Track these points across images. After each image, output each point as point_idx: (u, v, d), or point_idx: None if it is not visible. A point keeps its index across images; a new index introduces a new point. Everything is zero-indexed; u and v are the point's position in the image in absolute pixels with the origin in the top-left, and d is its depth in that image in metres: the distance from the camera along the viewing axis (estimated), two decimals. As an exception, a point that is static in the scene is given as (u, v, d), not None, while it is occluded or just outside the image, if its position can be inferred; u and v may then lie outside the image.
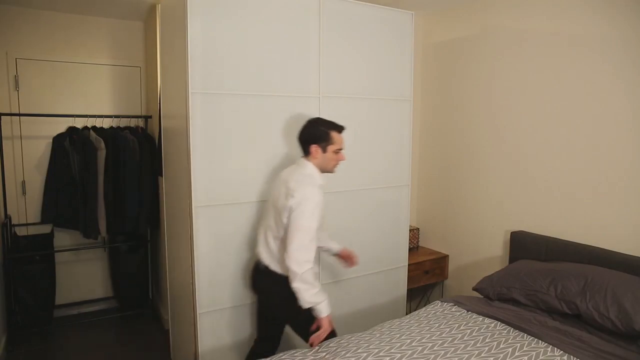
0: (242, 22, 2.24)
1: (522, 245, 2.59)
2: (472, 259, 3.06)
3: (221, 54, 2.19)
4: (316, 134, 2.01)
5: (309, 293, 1.85)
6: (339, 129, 2.06)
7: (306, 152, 2.04)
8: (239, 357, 2.40)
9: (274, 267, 2.01)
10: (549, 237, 2.51)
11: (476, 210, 3.00)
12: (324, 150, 2.02)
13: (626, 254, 2.14)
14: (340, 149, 2.05)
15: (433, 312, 2.19)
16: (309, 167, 2.03)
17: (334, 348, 1.84)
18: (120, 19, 3.38)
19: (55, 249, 3.24)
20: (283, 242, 1.92)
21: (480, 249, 3.01)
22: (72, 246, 3.40)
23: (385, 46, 2.75)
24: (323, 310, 1.89)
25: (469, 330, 1.95)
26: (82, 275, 3.50)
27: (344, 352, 1.79)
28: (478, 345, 1.83)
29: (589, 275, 2.03)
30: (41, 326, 3.14)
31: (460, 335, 1.92)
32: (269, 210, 2.06)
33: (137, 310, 3.45)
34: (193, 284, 2.23)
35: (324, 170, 2.06)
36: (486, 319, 2.07)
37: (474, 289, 2.40)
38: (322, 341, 1.91)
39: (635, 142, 2.15)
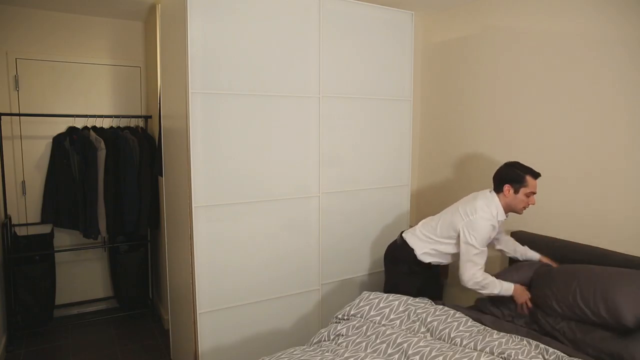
0: (242, 22, 2.24)
1: (522, 245, 2.59)
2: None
3: (221, 54, 2.19)
4: (512, 176, 2.20)
5: (484, 293, 2.19)
6: (535, 175, 2.19)
7: (498, 190, 2.25)
8: (239, 357, 2.40)
9: (419, 250, 2.38)
10: (550, 237, 2.50)
11: (476, 210, 3.00)
12: (516, 192, 2.19)
13: (626, 254, 2.14)
14: (533, 193, 2.18)
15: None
16: (494, 200, 2.23)
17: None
18: (120, 19, 3.38)
19: (55, 249, 3.24)
20: (436, 242, 2.36)
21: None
22: (72, 246, 3.40)
23: (385, 46, 2.75)
24: (504, 293, 2.18)
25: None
26: (82, 275, 3.50)
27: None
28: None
29: (580, 275, 2.03)
30: (41, 326, 3.14)
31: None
32: (441, 214, 2.41)
33: (137, 310, 3.45)
34: (193, 284, 2.23)
35: (510, 209, 2.25)
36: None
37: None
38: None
39: (636, 142, 2.15)
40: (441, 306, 2.14)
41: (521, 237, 2.61)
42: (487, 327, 1.99)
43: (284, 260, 2.51)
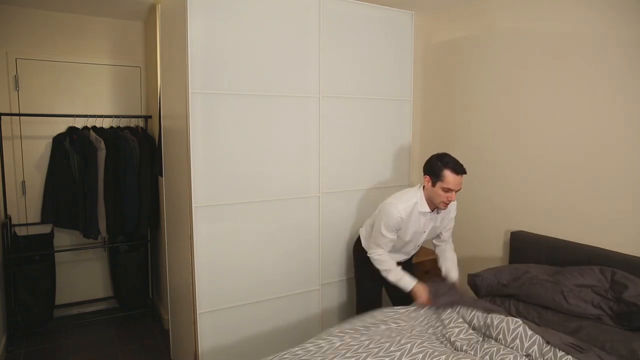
0: (242, 22, 2.24)
1: (523, 245, 2.59)
2: (472, 259, 3.05)
3: (221, 54, 2.19)
4: (432, 167, 2.15)
5: (382, 274, 2.27)
6: (457, 170, 2.09)
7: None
8: (239, 357, 2.40)
9: (364, 242, 2.45)
10: (550, 237, 2.51)
11: (476, 210, 3.00)
12: (433, 184, 2.14)
13: (626, 254, 2.14)
14: (450, 190, 2.09)
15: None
16: (417, 192, 2.22)
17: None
18: (120, 19, 3.38)
19: (55, 249, 3.24)
20: (365, 228, 2.44)
21: (480, 249, 3.01)
22: (72, 246, 3.40)
23: (385, 46, 2.75)
24: (403, 287, 2.22)
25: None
26: (82, 275, 3.50)
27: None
28: None
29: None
30: (41, 326, 3.14)
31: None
32: None
33: (137, 310, 3.45)
34: (193, 284, 2.23)
35: (432, 202, 2.20)
36: None
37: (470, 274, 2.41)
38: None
39: (636, 142, 2.15)
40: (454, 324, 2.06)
41: (522, 237, 2.62)
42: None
43: (284, 260, 2.51)
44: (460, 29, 3.07)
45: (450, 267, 2.41)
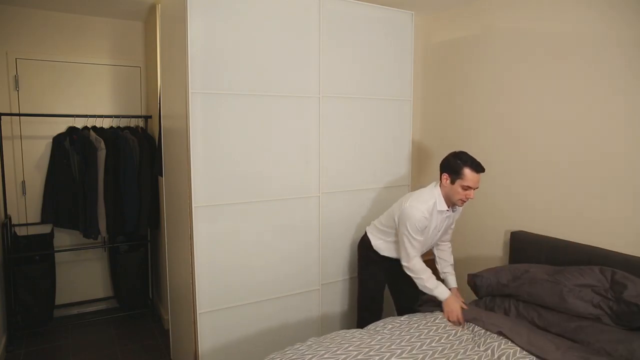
0: (242, 22, 2.24)
1: (523, 245, 2.59)
2: (472, 259, 3.05)
3: (221, 54, 2.19)
4: (450, 165, 2.16)
5: (417, 282, 2.23)
6: (476, 168, 2.12)
7: (440, 179, 2.22)
8: (239, 357, 2.40)
9: (373, 240, 2.45)
10: (550, 237, 2.50)
11: (476, 210, 3.00)
12: (452, 182, 2.15)
13: (626, 254, 2.14)
14: (469, 187, 2.12)
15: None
16: (434, 192, 2.23)
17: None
18: (120, 19, 3.38)
19: (55, 249, 3.24)
20: (382, 231, 2.41)
21: (480, 249, 3.01)
22: (72, 246, 3.40)
23: (385, 46, 2.75)
24: (438, 296, 2.19)
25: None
26: (82, 275, 3.50)
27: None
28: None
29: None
30: (41, 326, 3.14)
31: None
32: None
33: (137, 310, 3.45)
34: (193, 284, 2.23)
35: (449, 200, 2.21)
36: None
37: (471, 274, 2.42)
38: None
39: (636, 142, 2.15)
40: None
41: (522, 237, 2.61)
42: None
43: (284, 260, 2.51)
44: (460, 29, 3.07)
45: (448, 272, 2.46)
